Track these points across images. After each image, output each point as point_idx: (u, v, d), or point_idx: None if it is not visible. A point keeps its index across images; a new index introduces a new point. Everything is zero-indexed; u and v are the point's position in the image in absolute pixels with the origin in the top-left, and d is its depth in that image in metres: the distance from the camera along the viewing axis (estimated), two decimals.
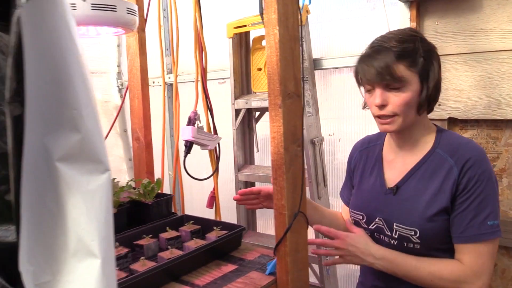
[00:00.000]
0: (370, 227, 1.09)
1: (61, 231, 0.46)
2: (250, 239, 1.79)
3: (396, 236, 1.03)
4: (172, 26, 1.50)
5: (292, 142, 0.92)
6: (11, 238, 0.43)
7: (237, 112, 1.78)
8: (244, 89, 1.83)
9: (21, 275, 0.42)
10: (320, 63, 1.70)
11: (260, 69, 1.70)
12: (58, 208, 0.46)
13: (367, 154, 1.18)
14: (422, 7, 1.42)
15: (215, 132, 1.46)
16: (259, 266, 1.06)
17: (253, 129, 1.84)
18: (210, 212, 1.64)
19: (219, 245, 1.13)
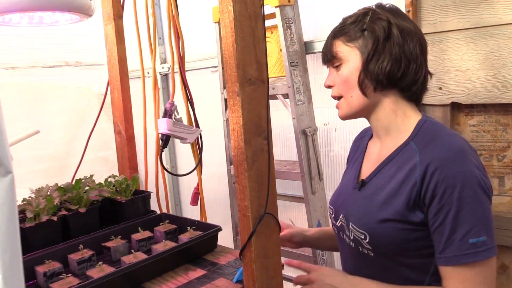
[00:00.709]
0: (337, 223, 0.99)
1: None
2: None
3: (352, 238, 0.92)
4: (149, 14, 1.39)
5: (256, 134, 0.82)
6: None
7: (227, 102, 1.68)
8: None
9: None
10: (312, 46, 1.57)
11: None
12: None
13: (359, 145, 1.08)
14: None
15: (196, 124, 1.36)
16: (230, 272, 0.97)
17: None
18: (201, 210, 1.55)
19: (190, 247, 1.03)
